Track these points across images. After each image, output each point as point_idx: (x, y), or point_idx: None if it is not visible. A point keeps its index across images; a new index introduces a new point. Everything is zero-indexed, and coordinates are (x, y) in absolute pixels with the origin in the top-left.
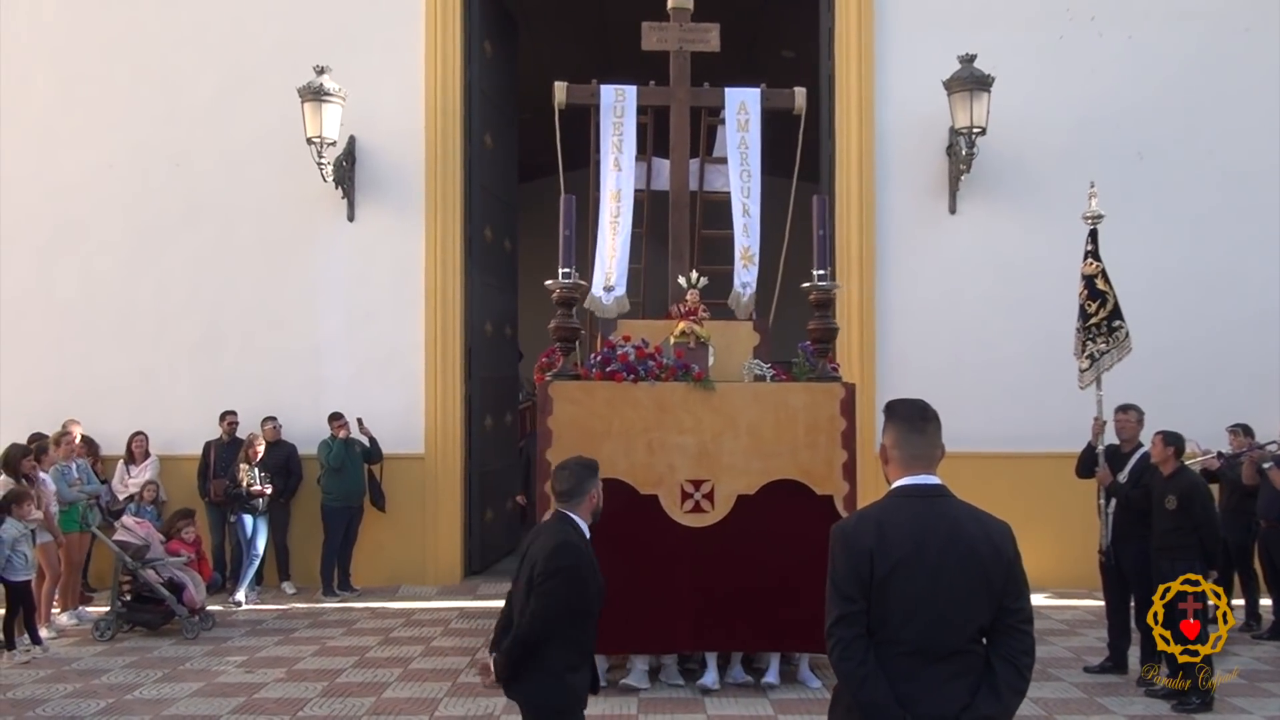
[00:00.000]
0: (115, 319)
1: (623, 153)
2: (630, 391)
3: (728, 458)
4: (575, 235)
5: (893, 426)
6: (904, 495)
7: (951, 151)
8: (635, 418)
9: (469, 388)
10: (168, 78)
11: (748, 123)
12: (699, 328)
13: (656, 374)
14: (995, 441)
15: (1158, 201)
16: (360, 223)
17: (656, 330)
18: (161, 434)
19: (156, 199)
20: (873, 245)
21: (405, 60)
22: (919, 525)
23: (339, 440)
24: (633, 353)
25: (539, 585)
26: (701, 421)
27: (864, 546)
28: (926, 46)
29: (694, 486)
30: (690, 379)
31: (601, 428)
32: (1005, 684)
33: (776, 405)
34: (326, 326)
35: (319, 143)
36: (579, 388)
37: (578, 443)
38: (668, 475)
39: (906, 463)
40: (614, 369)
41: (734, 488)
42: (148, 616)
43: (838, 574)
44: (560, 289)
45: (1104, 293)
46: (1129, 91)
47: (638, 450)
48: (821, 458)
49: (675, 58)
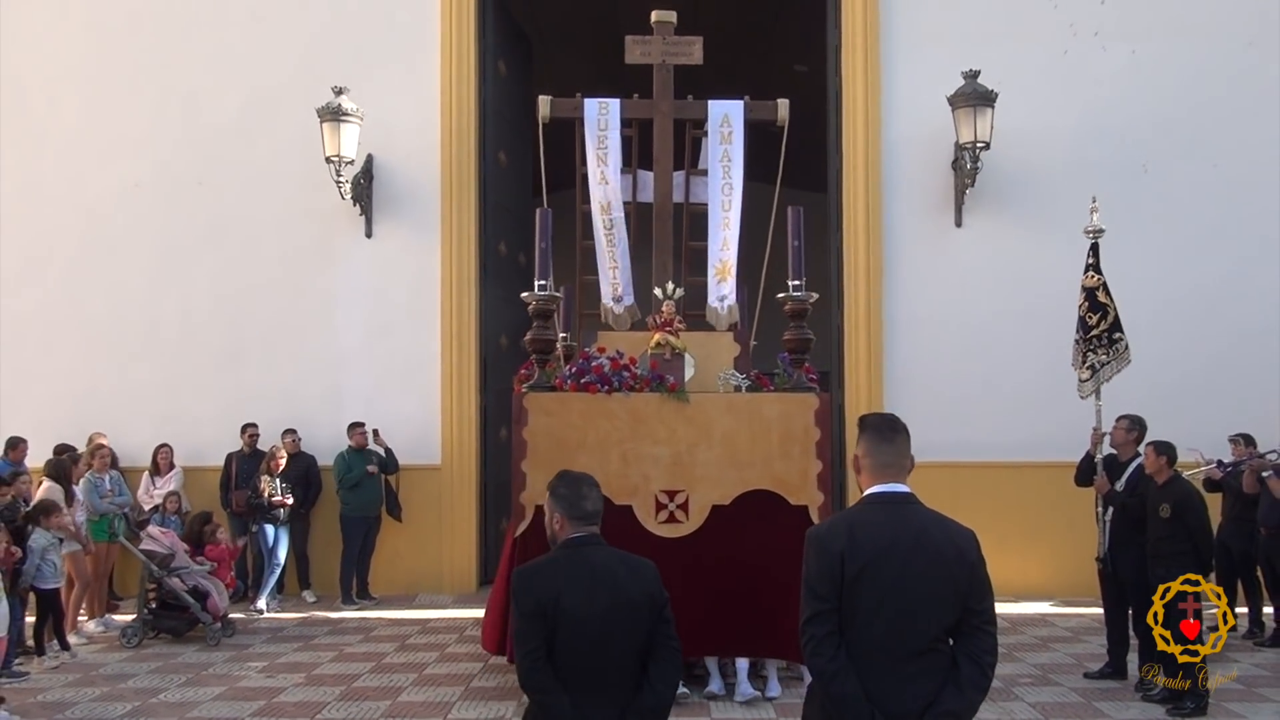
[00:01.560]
0: (141, 333)
1: (608, 165)
2: (605, 403)
3: (702, 468)
4: (551, 248)
5: (864, 438)
6: (875, 502)
7: (957, 166)
8: (610, 429)
9: (484, 399)
10: (192, 100)
11: (731, 135)
12: (674, 339)
13: (631, 385)
14: (1001, 450)
15: (1162, 214)
16: (378, 239)
17: (635, 342)
18: (185, 446)
19: (181, 217)
20: (880, 257)
21: (421, 81)
22: (888, 530)
23: (353, 453)
24: (607, 364)
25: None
26: (676, 432)
27: (836, 549)
28: (931, 62)
29: (668, 497)
30: (665, 390)
31: (576, 439)
32: (969, 681)
33: (751, 416)
34: (345, 340)
35: (338, 161)
36: (554, 399)
37: (553, 454)
38: (642, 486)
39: (877, 471)
40: (588, 380)
41: (708, 498)
42: (173, 623)
43: (811, 574)
44: (535, 301)
45: (1105, 305)
46: (1133, 105)
47: (612, 461)
48: (796, 468)
49: (658, 71)
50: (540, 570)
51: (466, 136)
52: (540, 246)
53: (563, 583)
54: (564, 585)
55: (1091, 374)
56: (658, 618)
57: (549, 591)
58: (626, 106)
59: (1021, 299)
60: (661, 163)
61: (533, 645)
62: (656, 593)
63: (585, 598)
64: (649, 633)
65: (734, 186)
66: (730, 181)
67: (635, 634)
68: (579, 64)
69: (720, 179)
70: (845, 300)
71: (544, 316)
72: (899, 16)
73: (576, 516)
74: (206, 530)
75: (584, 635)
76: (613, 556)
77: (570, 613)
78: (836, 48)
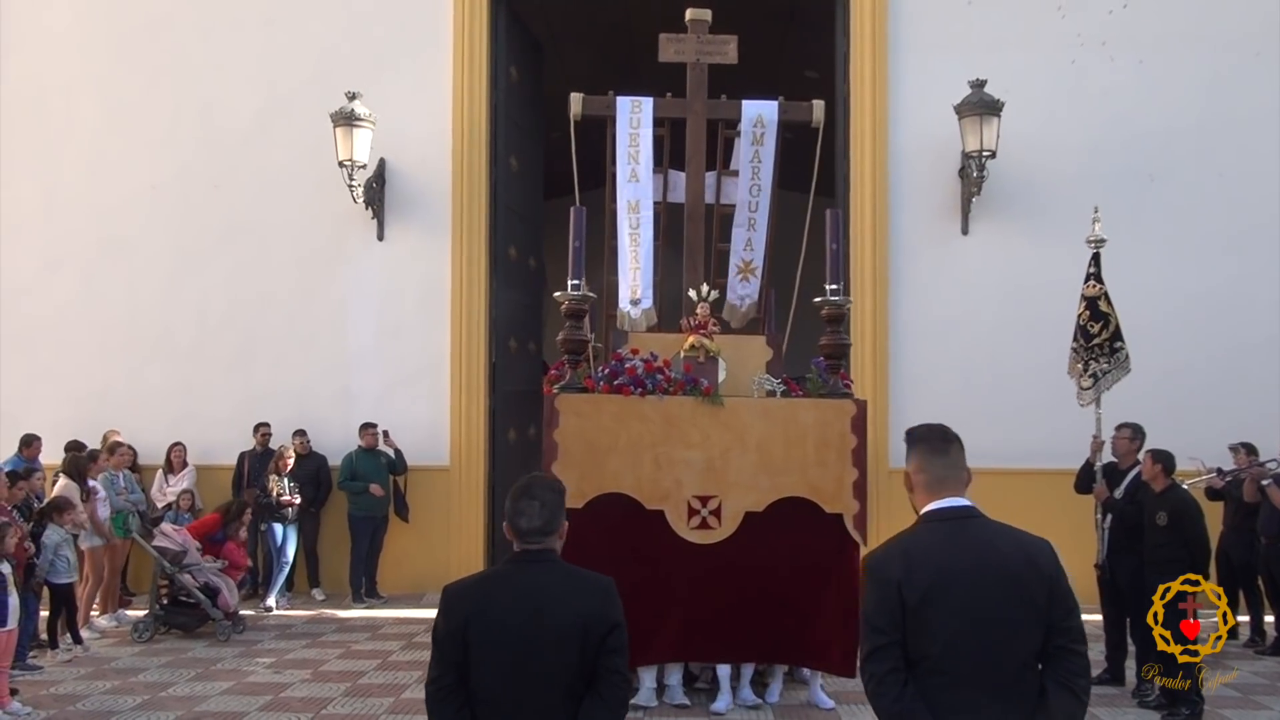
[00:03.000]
0: (156, 333)
1: (639, 164)
2: (638, 405)
3: (735, 474)
4: (585, 247)
5: (915, 452)
6: (933, 520)
7: (963, 174)
8: (643, 432)
9: (493, 401)
10: (208, 105)
11: (763, 136)
12: (709, 341)
13: (664, 388)
14: (1006, 458)
15: (1168, 223)
16: (389, 242)
17: (668, 344)
18: (199, 444)
19: (196, 219)
20: (886, 264)
21: (433, 87)
22: (949, 550)
23: (362, 453)
24: (641, 366)
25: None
26: (709, 437)
27: (891, 577)
28: (938, 71)
29: (701, 502)
30: (699, 393)
31: (608, 441)
32: (1062, 711)
33: (786, 421)
34: (356, 342)
35: (350, 165)
36: (586, 401)
37: (584, 457)
38: (674, 491)
39: (932, 487)
40: (621, 382)
41: (742, 504)
42: (184, 619)
43: (868, 607)
44: (569, 301)
45: (1106, 314)
46: (1140, 115)
47: (644, 465)
48: (831, 475)
49: (692, 69)
50: (464, 589)
51: (478, 141)
52: (574, 245)
53: (483, 603)
54: (483, 605)
55: (1093, 382)
56: (599, 646)
57: (465, 612)
58: (659, 105)
59: (1027, 307)
60: (694, 163)
61: (437, 673)
62: (598, 617)
63: (501, 620)
64: (585, 663)
65: (762, 188)
66: (759, 183)
67: (561, 664)
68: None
69: (749, 179)
70: (852, 307)
71: (577, 317)
72: (907, 26)
73: (516, 532)
74: (234, 525)
75: (497, 663)
76: (554, 574)
77: (484, 637)
78: (845, 56)
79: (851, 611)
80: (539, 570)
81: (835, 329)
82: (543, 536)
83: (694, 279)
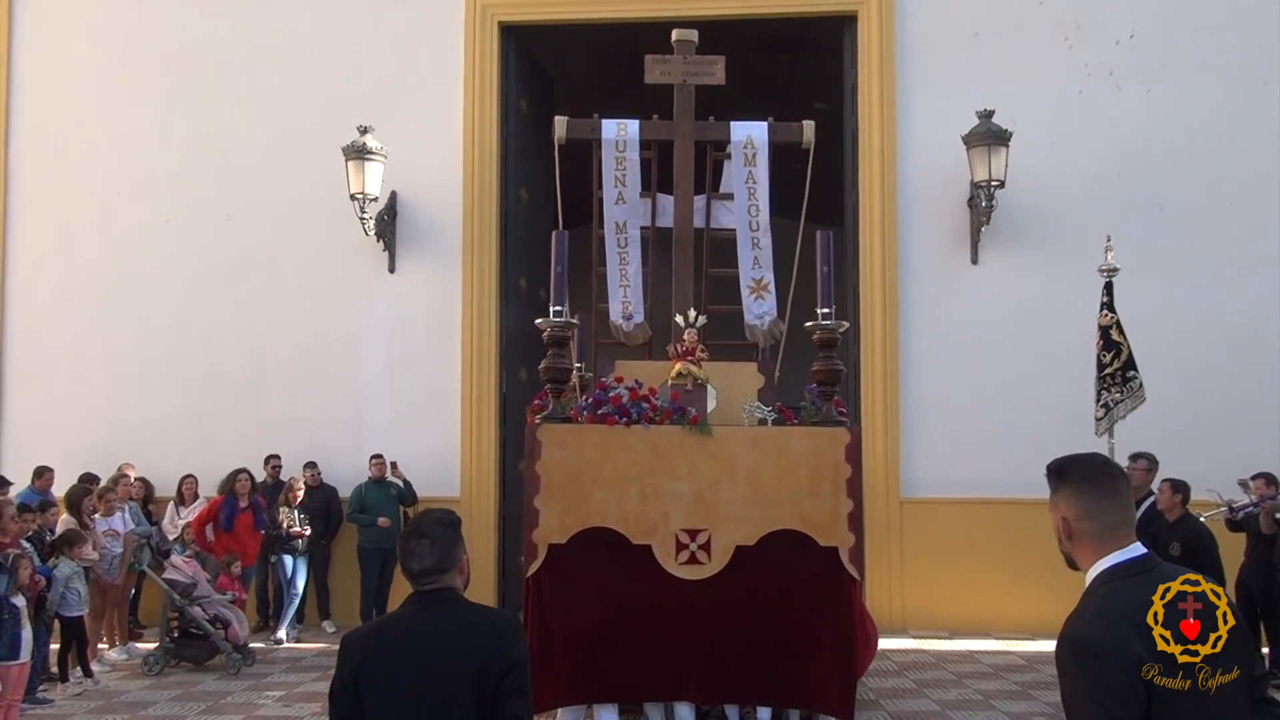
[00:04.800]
0: (168, 365)
1: (626, 186)
2: (623, 435)
3: (725, 506)
4: (567, 272)
5: (1075, 493)
6: (1123, 577)
7: (972, 204)
8: (628, 463)
9: (503, 433)
10: (221, 138)
11: (755, 157)
12: (696, 369)
13: (650, 417)
14: (1018, 488)
15: (1178, 252)
16: (400, 274)
17: (655, 371)
18: (211, 476)
19: (209, 252)
20: (896, 294)
21: (445, 120)
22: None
23: (371, 484)
24: (625, 394)
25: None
26: (698, 468)
27: (1131, 652)
28: (946, 102)
29: (690, 536)
30: (686, 423)
31: (592, 473)
32: None
33: (777, 451)
34: (367, 373)
35: (362, 198)
36: (569, 431)
37: (567, 489)
38: (662, 524)
39: (1103, 536)
40: (606, 411)
41: (732, 538)
42: (194, 651)
43: (1099, 696)
44: (550, 328)
45: (1118, 344)
46: (1148, 145)
47: (630, 498)
48: (825, 506)
49: (679, 91)
50: (356, 637)
51: (489, 174)
52: (556, 270)
53: (374, 652)
54: (374, 654)
55: (1105, 412)
56: (495, 690)
57: (356, 663)
58: (646, 128)
59: (1037, 336)
60: (682, 186)
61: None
62: (495, 658)
63: (393, 670)
64: (484, 710)
65: (760, 208)
66: (757, 203)
67: (457, 713)
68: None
69: (746, 200)
70: (861, 336)
71: (559, 344)
72: (914, 57)
73: (408, 575)
74: (223, 560)
75: (391, 716)
76: (451, 615)
77: (375, 689)
78: (853, 88)
79: (848, 649)
80: (435, 612)
81: (828, 354)
82: (437, 575)
83: (684, 305)
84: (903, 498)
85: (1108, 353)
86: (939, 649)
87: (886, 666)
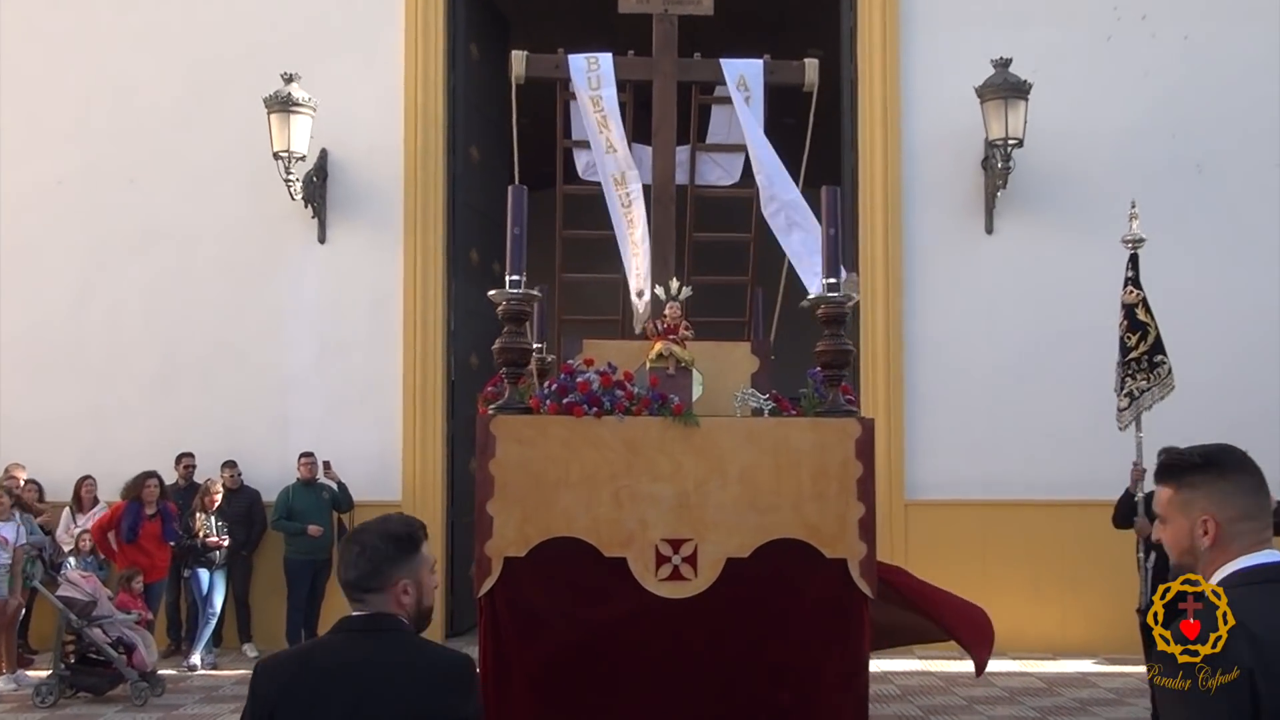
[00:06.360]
0: (63, 352)
1: (611, 130)
2: (593, 428)
3: (715, 512)
4: (525, 234)
5: (1236, 489)
6: (1255, 583)
7: (987, 165)
8: (599, 461)
9: (452, 427)
10: (122, 85)
11: (749, 100)
12: (680, 349)
13: (626, 406)
14: (1037, 488)
15: (1217, 220)
16: (332, 245)
17: (630, 352)
18: (113, 478)
19: (109, 219)
20: (900, 269)
21: (382, 67)
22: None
23: (300, 486)
24: (596, 380)
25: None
26: (682, 466)
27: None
28: (958, 48)
29: (672, 548)
30: (668, 413)
31: (557, 474)
32: None
33: (776, 446)
34: (295, 360)
35: (287, 157)
36: (528, 424)
37: (527, 492)
38: (639, 533)
39: (1254, 537)
40: (572, 400)
41: (722, 549)
42: (93, 680)
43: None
44: (506, 301)
45: (1145, 324)
46: (1185, 98)
47: (602, 502)
48: (832, 512)
49: (659, 23)
50: (274, 666)
51: (433, 129)
52: (513, 232)
53: (292, 686)
54: (292, 690)
55: (1130, 402)
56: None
57: (272, 697)
58: (620, 65)
59: (1060, 316)
60: (663, 134)
61: None
62: (439, 711)
63: (309, 711)
64: None
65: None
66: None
67: None
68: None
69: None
70: (861, 318)
71: (517, 320)
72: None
73: (341, 586)
74: (121, 575)
75: None
76: (389, 651)
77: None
78: (851, 32)
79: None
80: (370, 646)
81: (834, 332)
82: (363, 593)
83: (665, 275)
84: (907, 500)
85: (1133, 334)
86: (948, 671)
87: (889, 691)
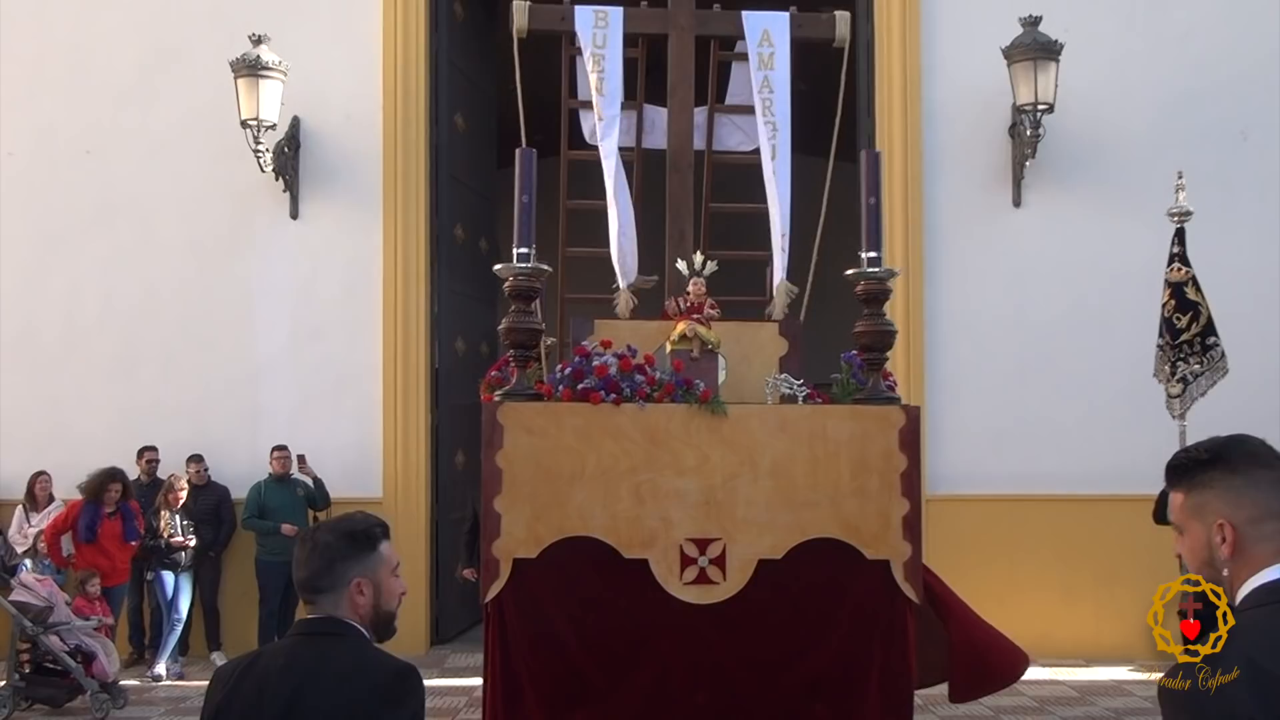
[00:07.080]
0: (14, 337)
1: (604, 95)
2: (611, 417)
3: (745, 509)
4: (535, 202)
5: (1250, 485)
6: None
7: (1014, 132)
8: (618, 453)
9: (436, 418)
10: (79, 49)
11: (772, 58)
12: (705, 329)
13: (647, 392)
14: (1067, 481)
15: (1265, 190)
16: (306, 221)
17: (648, 333)
18: (69, 474)
19: (64, 193)
20: (921, 245)
21: (359, 27)
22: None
23: (272, 482)
24: (614, 364)
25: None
26: (709, 459)
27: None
28: (983, 6)
29: (698, 548)
30: (694, 399)
31: (571, 467)
32: None
33: (812, 436)
34: (266, 346)
35: (256, 126)
36: (540, 412)
37: (538, 487)
38: (662, 532)
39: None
40: (589, 385)
41: (753, 550)
42: (50, 691)
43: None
44: (514, 276)
45: (1195, 304)
46: (1230, 59)
47: (621, 498)
48: (874, 509)
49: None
50: (229, 669)
51: (415, 95)
52: (521, 200)
53: (233, 691)
54: (235, 691)
55: (1183, 388)
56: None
57: (216, 702)
58: (631, 17)
59: (1093, 295)
60: (679, 94)
61: None
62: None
63: (244, 713)
64: None
65: (778, 127)
66: (773, 120)
67: None
68: None
69: (764, 116)
70: None
71: (525, 298)
72: None
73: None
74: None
75: None
76: (329, 656)
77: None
78: None
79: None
80: (313, 650)
81: (875, 311)
82: (314, 593)
83: (683, 249)
84: (929, 495)
85: (1183, 315)
86: None
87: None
